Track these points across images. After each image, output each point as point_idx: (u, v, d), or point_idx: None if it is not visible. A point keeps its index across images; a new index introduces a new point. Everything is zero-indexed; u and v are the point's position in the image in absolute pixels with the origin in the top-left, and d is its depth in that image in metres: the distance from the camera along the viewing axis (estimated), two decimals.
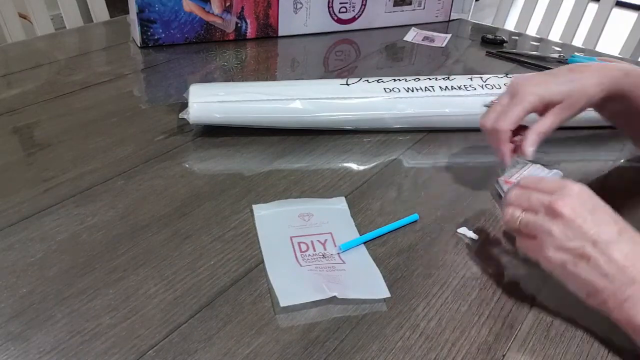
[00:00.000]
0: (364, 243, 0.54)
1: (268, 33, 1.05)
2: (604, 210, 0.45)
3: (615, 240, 0.43)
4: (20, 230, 0.53)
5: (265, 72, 0.92)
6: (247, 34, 1.04)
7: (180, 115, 0.70)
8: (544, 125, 0.56)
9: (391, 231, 0.56)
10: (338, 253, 0.52)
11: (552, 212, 0.45)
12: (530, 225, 0.46)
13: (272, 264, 0.51)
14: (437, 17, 1.21)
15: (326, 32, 1.10)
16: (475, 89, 0.75)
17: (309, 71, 0.95)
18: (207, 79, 0.89)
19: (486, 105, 0.62)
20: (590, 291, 0.44)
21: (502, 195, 0.62)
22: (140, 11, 0.93)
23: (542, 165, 0.62)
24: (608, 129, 0.71)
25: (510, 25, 1.36)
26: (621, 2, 2.33)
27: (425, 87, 0.74)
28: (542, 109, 0.56)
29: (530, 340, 0.45)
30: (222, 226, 0.55)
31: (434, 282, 0.50)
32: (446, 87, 0.75)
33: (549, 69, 0.96)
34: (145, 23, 0.95)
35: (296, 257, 0.51)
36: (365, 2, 1.10)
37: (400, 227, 0.56)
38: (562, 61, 1.01)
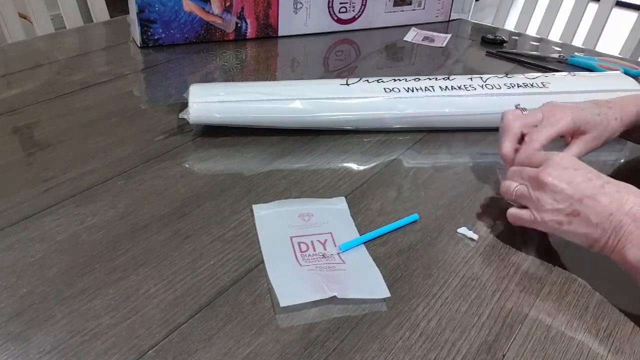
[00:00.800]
0: (364, 243, 0.54)
1: (268, 33, 1.05)
2: (586, 170, 0.50)
3: (599, 192, 0.48)
4: (20, 230, 0.53)
5: (265, 72, 0.92)
6: (247, 34, 1.04)
7: (180, 115, 0.70)
8: (571, 153, 0.60)
9: (391, 231, 0.56)
10: (338, 253, 0.52)
11: (539, 183, 0.51)
12: (524, 196, 0.52)
13: (272, 264, 0.51)
14: (437, 17, 1.21)
15: (326, 32, 1.10)
16: (475, 89, 0.75)
17: (309, 71, 0.95)
18: (207, 79, 0.89)
19: (517, 106, 0.63)
20: (590, 242, 0.49)
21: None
22: (140, 11, 0.93)
23: None
24: None
25: (510, 25, 1.36)
26: (621, 2, 2.33)
27: (425, 87, 0.74)
28: (570, 136, 0.61)
29: (530, 340, 0.45)
30: (222, 226, 0.55)
31: (434, 282, 0.50)
32: (446, 87, 0.75)
33: (549, 69, 0.97)
34: (145, 23, 0.95)
35: (296, 257, 0.51)
36: (365, 2, 1.10)
37: (400, 227, 0.56)
38: (562, 61, 1.01)
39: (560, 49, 1.09)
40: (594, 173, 0.50)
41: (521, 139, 0.61)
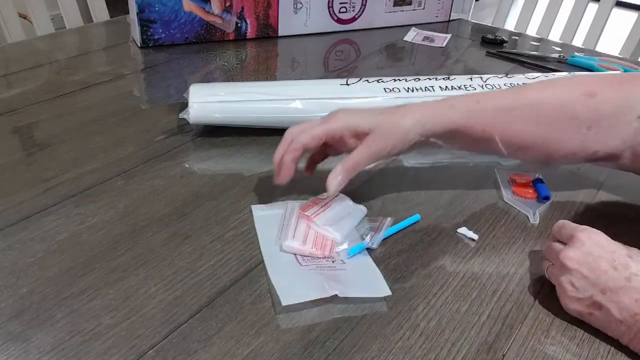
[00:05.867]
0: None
1: (268, 33, 1.05)
2: (612, 255, 0.45)
3: (624, 286, 0.43)
4: (20, 230, 0.53)
5: (265, 72, 0.92)
6: (247, 34, 1.04)
7: (180, 115, 0.70)
8: (353, 158, 0.53)
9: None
10: (338, 252, 0.52)
11: (562, 266, 0.46)
12: (552, 278, 0.48)
13: (272, 264, 0.51)
14: (437, 17, 1.21)
15: (326, 32, 1.10)
16: (475, 89, 0.75)
17: (309, 71, 0.95)
18: (207, 79, 0.89)
19: None
20: (615, 335, 0.45)
21: (502, 190, 0.63)
22: (140, 11, 0.93)
23: (349, 199, 0.58)
24: None
25: (510, 25, 1.36)
26: (621, 2, 2.33)
27: (425, 87, 0.74)
28: (350, 141, 0.54)
29: (530, 340, 0.45)
30: (222, 226, 0.55)
31: (434, 282, 0.50)
32: (446, 87, 0.75)
33: (549, 69, 0.97)
34: (145, 23, 0.95)
35: (296, 257, 0.51)
36: (365, 2, 1.10)
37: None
38: (561, 61, 1.01)
39: (560, 49, 1.09)
40: (621, 259, 0.44)
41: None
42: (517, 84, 0.76)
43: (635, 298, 0.42)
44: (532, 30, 1.30)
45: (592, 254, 0.45)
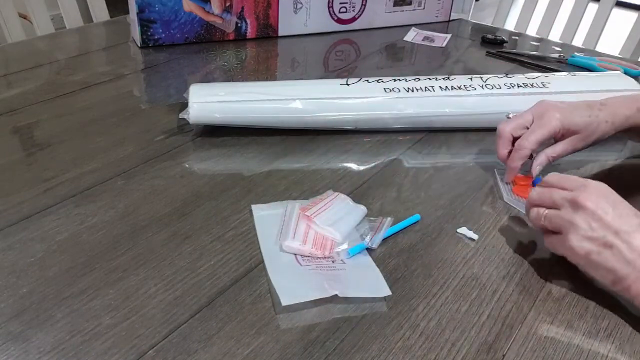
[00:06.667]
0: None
1: (268, 33, 1.05)
2: (624, 205, 0.48)
3: (636, 230, 0.46)
4: (20, 230, 0.53)
5: (265, 72, 0.92)
6: (247, 34, 1.04)
7: (180, 115, 0.70)
8: (556, 150, 0.61)
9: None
10: (338, 252, 0.52)
11: (576, 205, 0.48)
12: (554, 220, 0.49)
13: (273, 264, 0.51)
14: (437, 17, 1.21)
15: (326, 32, 1.10)
16: (475, 89, 0.75)
17: (309, 71, 0.95)
18: (207, 79, 0.89)
19: (507, 117, 0.65)
20: (615, 279, 0.46)
21: (502, 190, 0.63)
22: (140, 11, 0.93)
23: (350, 198, 0.59)
24: None
25: (510, 25, 1.36)
26: (621, 2, 2.33)
27: (425, 87, 0.74)
28: (560, 136, 0.61)
29: (530, 340, 0.45)
30: (222, 226, 0.55)
31: (434, 282, 0.50)
32: (446, 87, 0.75)
33: (549, 69, 0.97)
34: (145, 23, 0.95)
35: (296, 258, 0.51)
36: (365, 2, 1.10)
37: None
38: (561, 61, 1.01)
39: (560, 49, 1.09)
40: (632, 209, 0.48)
41: (514, 141, 0.62)
42: (517, 84, 0.76)
43: None
44: (532, 30, 1.30)
45: (608, 198, 0.48)
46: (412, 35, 1.12)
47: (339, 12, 1.09)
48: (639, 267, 0.45)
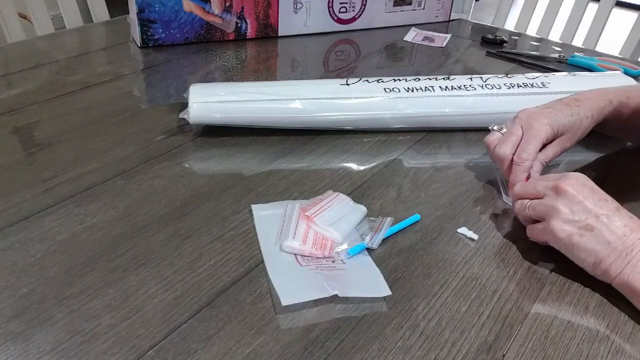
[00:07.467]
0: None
1: (268, 33, 1.05)
2: (601, 192, 0.51)
3: (614, 214, 0.49)
4: (20, 230, 0.53)
5: (265, 72, 0.92)
6: (247, 34, 1.04)
7: (180, 115, 0.70)
8: (547, 154, 0.62)
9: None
10: (338, 252, 0.52)
11: (558, 190, 0.50)
12: (538, 208, 0.52)
13: (272, 264, 0.51)
14: (437, 17, 1.21)
15: (326, 32, 1.10)
16: (475, 89, 0.75)
17: (309, 71, 0.95)
18: (207, 79, 0.89)
19: (492, 129, 0.64)
20: (596, 260, 0.48)
21: (502, 190, 0.63)
22: (140, 11, 0.93)
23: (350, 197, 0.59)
24: None
25: (510, 25, 1.36)
26: (621, 2, 2.33)
27: (425, 87, 0.74)
28: (549, 140, 0.62)
29: (530, 340, 0.45)
30: (222, 226, 0.55)
31: (434, 282, 0.50)
32: (446, 87, 0.75)
33: (549, 69, 0.97)
34: (145, 23, 0.95)
35: (296, 258, 0.51)
36: (365, 2, 1.10)
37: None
38: (562, 61, 1.01)
39: (560, 49, 1.09)
40: (608, 196, 0.51)
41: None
42: (517, 84, 0.76)
43: (624, 222, 0.48)
44: (532, 30, 1.30)
45: (587, 186, 0.51)
46: (412, 35, 1.12)
47: (339, 12, 1.09)
48: (619, 248, 0.47)
